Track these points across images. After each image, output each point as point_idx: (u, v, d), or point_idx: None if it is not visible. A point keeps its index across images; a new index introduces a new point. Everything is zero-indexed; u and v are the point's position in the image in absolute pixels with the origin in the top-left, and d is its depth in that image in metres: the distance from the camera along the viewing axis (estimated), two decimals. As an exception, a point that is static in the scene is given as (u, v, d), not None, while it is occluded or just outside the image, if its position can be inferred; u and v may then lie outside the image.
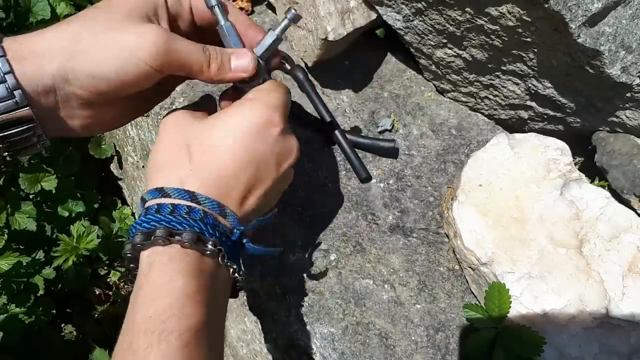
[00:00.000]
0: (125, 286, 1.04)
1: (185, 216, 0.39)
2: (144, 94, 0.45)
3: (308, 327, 0.54)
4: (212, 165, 0.41)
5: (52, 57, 0.39)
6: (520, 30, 0.54)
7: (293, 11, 0.47)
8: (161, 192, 0.40)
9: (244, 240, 0.42)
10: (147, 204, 0.41)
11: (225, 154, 0.42)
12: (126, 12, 0.41)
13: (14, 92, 0.37)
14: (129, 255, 0.40)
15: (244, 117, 0.43)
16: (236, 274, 0.41)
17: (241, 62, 0.46)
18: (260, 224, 0.44)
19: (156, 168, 0.42)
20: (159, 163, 0.42)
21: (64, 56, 0.39)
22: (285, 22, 0.47)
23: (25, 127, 0.39)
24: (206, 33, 0.48)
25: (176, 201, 0.40)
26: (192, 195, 0.40)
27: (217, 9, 0.45)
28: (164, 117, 0.45)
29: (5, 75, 0.37)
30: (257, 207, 0.45)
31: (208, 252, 0.39)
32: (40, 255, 0.82)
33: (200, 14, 0.47)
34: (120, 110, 0.45)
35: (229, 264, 0.40)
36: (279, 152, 0.45)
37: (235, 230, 0.41)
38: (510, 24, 0.53)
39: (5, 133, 0.39)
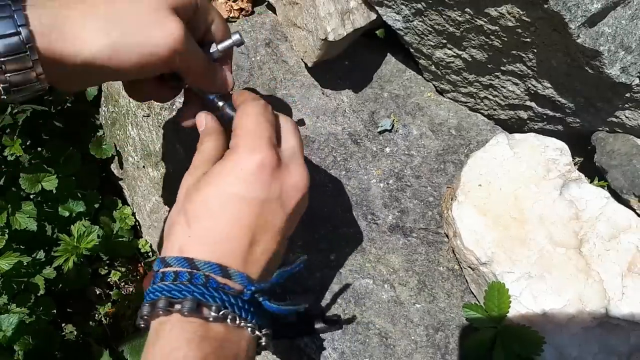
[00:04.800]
0: (126, 286, 1.04)
1: (187, 283, 0.38)
2: None
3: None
4: (209, 228, 0.41)
5: (81, 48, 0.39)
6: (519, 30, 0.54)
7: (238, 36, 0.48)
8: (163, 262, 0.40)
9: (260, 299, 0.41)
10: (155, 273, 0.41)
11: (219, 214, 0.41)
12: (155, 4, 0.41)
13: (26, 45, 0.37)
14: (142, 325, 0.40)
15: (231, 170, 0.42)
16: (257, 332, 0.40)
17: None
18: (287, 275, 0.42)
19: (165, 235, 0.43)
20: (167, 230, 0.43)
21: (92, 50, 0.39)
22: (230, 42, 0.49)
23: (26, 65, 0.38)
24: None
25: (178, 269, 0.39)
26: (190, 262, 0.39)
27: None
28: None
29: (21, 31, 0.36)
30: (273, 255, 0.43)
31: (211, 319, 0.38)
32: (40, 255, 0.82)
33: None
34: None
35: (242, 325, 0.39)
36: (279, 192, 0.42)
37: (245, 290, 0.40)
38: (510, 24, 0.53)
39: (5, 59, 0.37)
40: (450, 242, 0.60)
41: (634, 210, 0.58)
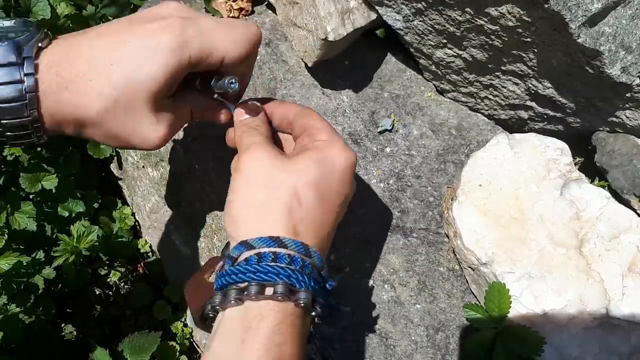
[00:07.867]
0: (125, 286, 1.03)
1: (301, 271, 0.38)
2: None
3: (308, 327, 0.54)
4: (318, 214, 0.41)
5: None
6: (520, 30, 0.54)
7: (233, 83, 0.44)
8: (277, 241, 0.39)
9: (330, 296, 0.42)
10: (258, 250, 0.39)
11: (329, 200, 0.42)
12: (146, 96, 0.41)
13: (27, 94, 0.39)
14: (232, 301, 0.38)
15: (332, 167, 0.43)
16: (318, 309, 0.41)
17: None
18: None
19: (260, 210, 0.40)
20: (263, 205, 0.40)
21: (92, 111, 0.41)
22: (224, 87, 0.45)
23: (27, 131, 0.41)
24: None
25: (292, 252, 0.39)
26: (306, 249, 0.40)
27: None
28: (245, 158, 0.43)
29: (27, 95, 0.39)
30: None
31: (313, 314, 0.39)
32: (40, 255, 0.81)
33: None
34: None
35: (317, 321, 0.41)
36: (354, 189, 0.46)
37: (327, 286, 0.41)
38: (510, 24, 0.53)
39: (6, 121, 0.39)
40: (450, 242, 0.60)
41: (634, 210, 0.58)
